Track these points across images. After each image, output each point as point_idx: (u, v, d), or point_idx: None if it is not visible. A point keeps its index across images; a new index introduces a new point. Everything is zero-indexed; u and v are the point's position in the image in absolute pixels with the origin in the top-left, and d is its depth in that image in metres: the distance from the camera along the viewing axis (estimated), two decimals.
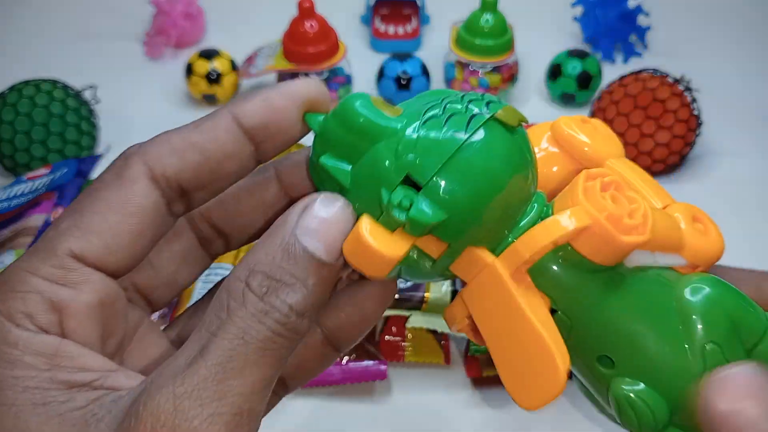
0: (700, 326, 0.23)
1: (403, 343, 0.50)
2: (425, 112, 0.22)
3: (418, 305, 0.48)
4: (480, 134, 0.22)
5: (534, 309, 0.23)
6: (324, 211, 0.19)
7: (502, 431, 0.46)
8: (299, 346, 0.20)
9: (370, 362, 0.47)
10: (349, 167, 0.22)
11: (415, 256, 0.23)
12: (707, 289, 0.24)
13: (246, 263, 0.19)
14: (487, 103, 0.23)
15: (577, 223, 0.22)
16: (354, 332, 0.23)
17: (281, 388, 0.23)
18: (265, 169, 0.23)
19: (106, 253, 0.19)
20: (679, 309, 0.23)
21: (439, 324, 0.48)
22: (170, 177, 0.20)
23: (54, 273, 0.19)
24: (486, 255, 0.24)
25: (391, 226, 0.21)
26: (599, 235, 0.22)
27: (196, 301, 0.25)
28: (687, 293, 0.24)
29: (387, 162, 0.22)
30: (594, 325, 0.25)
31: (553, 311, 0.25)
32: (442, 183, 0.22)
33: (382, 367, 0.47)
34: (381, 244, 0.21)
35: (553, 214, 0.24)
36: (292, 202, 0.21)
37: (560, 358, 0.23)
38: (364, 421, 0.47)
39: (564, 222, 0.22)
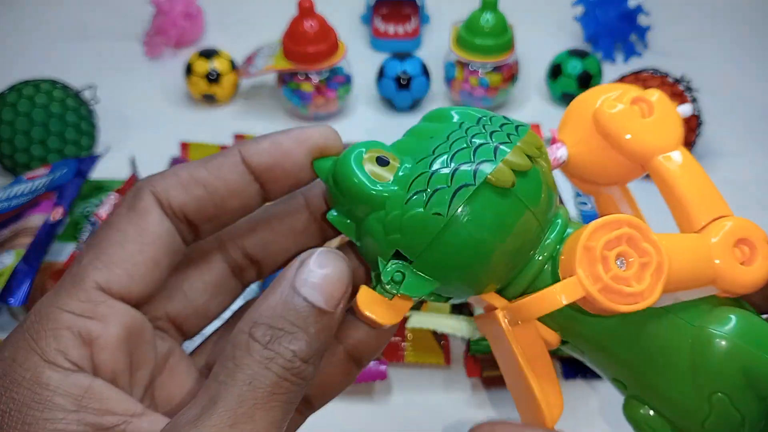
0: (709, 377, 0.23)
1: (403, 344, 0.50)
2: (414, 179, 0.22)
3: (418, 305, 0.48)
4: (466, 208, 0.22)
5: (531, 355, 0.24)
6: (320, 267, 0.20)
7: None
8: (323, 365, 0.21)
9: (370, 362, 0.47)
10: (353, 225, 0.23)
11: (432, 298, 0.24)
12: (724, 341, 0.23)
13: (249, 317, 0.19)
14: (508, 134, 0.23)
15: (570, 298, 0.22)
16: (374, 345, 0.24)
17: (306, 407, 0.24)
18: (294, 196, 0.24)
19: (129, 282, 0.20)
20: (692, 355, 0.23)
21: (439, 324, 0.48)
22: (176, 208, 0.21)
23: (83, 307, 0.19)
24: (491, 299, 0.25)
25: (389, 296, 0.23)
26: (595, 304, 0.22)
27: (219, 327, 0.25)
28: (702, 339, 0.23)
29: (378, 236, 0.23)
30: (604, 359, 0.25)
31: (564, 341, 0.25)
32: (431, 258, 0.22)
33: (382, 367, 0.47)
34: (379, 314, 0.22)
35: (569, 227, 0.24)
36: (322, 228, 0.23)
37: (548, 412, 0.24)
38: (364, 420, 0.47)
39: (558, 297, 0.22)
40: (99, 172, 0.57)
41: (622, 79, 0.66)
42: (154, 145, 0.67)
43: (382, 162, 0.23)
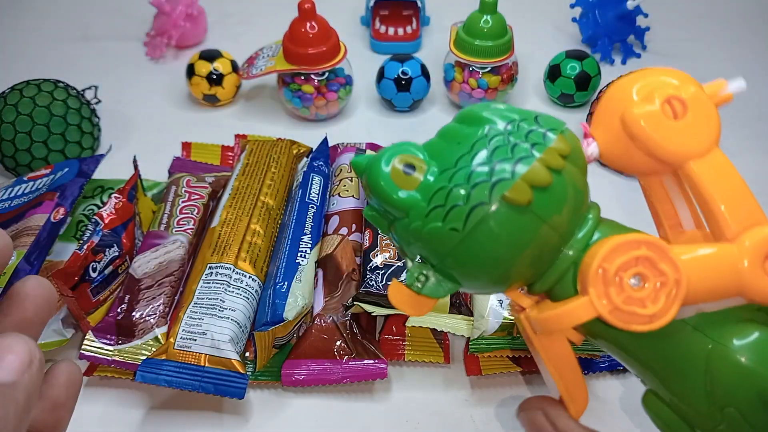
0: (723, 392, 0.23)
1: (402, 342, 0.50)
2: (435, 193, 0.23)
3: None
4: (482, 225, 0.22)
5: (555, 355, 0.25)
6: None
7: (502, 430, 0.46)
8: None
9: (370, 361, 0.48)
10: (386, 221, 0.25)
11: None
12: (740, 360, 0.23)
13: None
14: (533, 144, 0.23)
15: (582, 318, 0.23)
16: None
17: None
18: None
19: None
20: (707, 368, 0.23)
21: (439, 323, 0.48)
22: None
23: None
24: (517, 298, 0.26)
25: (416, 292, 0.24)
26: (607, 324, 0.23)
27: None
28: (718, 355, 0.23)
29: (403, 241, 0.24)
30: (624, 360, 0.26)
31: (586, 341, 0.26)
32: (450, 266, 0.23)
33: (382, 365, 0.47)
34: (407, 308, 0.25)
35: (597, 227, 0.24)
36: None
37: (573, 406, 0.26)
38: (364, 419, 0.47)
39: (571, 317, 0.23)
40: (100, 172, 0.57)
41: None
42: (155, 146, 0.67)
43: (409, 169, 0.24)
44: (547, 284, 0.24)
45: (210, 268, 0.50)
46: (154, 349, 0.46)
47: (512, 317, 0.47)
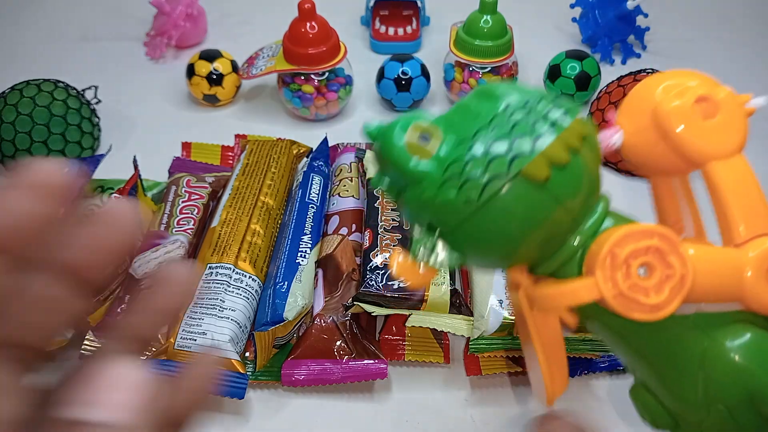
0: (714, 388, 0.23)
1: (402, 342, 0.50)
2: (451, 163, 0.23)
3: (418, 305, 0.49)
4: (496, 199, 0.22)
5: (547, 337, 0.25)
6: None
7: (501, 430, 0.46)
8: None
9: (370, 361, 0.48)
10: (395, 189, 0.24)
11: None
12: (733, 358, 0.23)
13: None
14: (552, 123, 0.22)
15: (585, 298, 0.23)
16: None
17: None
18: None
19: None
20: (701, 363, 0.23)
21: (438, 323, 0.48)
22: None
23: None
24: (518, 276, 0.26)
25: (420, 261, 0.24)
26: (608, 308, 0.23)
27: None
28: (713, 352, 0.23)
29: (413, 209, 0.24)
30: (618, 347, 0.26)
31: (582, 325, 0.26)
32: (459, 238, 0.23)
33: (382, 365, 0.47)
34: (410, 278, 0.24)
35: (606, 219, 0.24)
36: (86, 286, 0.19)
37: (550, 389, 0.26)
38: (363, 419, 0.47)
39: (574, 295, 0.23)
40: (101, 172, 0.57)
41: (621, 80, 0.66)
42: (155, 146, 0.67)
43: (424, 138, 0.23)
44: (551, 267, 0.24)
45: (210, 268, 0.50)
46: (153, 349, 0.46)
47: (512, 317, 0.47)
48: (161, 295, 0.21)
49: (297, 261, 0.51)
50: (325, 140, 0.63)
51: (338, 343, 0.48)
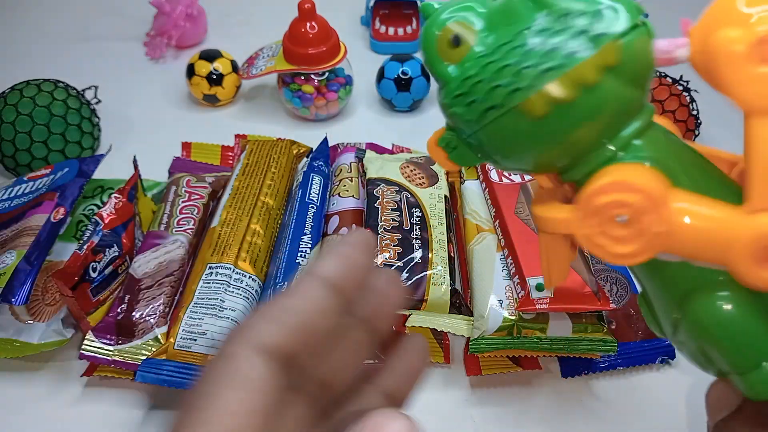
0: (683, 328, 0.24)
1: None
2: (466, 78, 0.23)
3: (418, 305, 0.49)
4: (518, 110, 0.22)
5: (552, 240, 0.26)
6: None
7: (502, 430, 0.46)
8: None
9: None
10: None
11: None
12: (705, 315, 0.24)
13: None
14: (590, 38, 0.21)
15: (561, 231, 0.24)
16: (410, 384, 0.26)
17: None
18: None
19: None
20: (680, 304, 0.24)
21: (438, 323, 0.48)
22: (270, 344, 0.20)
23: None
24: (541, 180, 0.27)
25: (448, 151, 0.26)
26: (579, 243, 0.24)
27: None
28: (693, 305, 0.24)
29: (441, 108, 0.25)
30: None
31: None
32: (477, 140, 0.24)
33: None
34: (437, 157, 0.26)
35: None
36: (375, 334, 0.24)
37: (547, 278, 0.27)
38: None
39: (553, 225, 0.24)
40: (100, 172, 0.57)
41: None
42: (155, 145, 0.67)
43: (456, 41, 0.24)
44: (576, 175, 0.24)
45: (210, 268, 0.50)
46: (154, 349, 0.46)
47: (512, 317, 0.47)
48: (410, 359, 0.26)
49: (297, 261, 0.51)
50: (325, 140, 0.63)
51: None
